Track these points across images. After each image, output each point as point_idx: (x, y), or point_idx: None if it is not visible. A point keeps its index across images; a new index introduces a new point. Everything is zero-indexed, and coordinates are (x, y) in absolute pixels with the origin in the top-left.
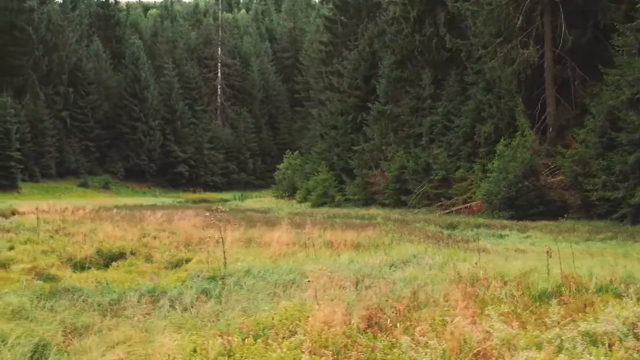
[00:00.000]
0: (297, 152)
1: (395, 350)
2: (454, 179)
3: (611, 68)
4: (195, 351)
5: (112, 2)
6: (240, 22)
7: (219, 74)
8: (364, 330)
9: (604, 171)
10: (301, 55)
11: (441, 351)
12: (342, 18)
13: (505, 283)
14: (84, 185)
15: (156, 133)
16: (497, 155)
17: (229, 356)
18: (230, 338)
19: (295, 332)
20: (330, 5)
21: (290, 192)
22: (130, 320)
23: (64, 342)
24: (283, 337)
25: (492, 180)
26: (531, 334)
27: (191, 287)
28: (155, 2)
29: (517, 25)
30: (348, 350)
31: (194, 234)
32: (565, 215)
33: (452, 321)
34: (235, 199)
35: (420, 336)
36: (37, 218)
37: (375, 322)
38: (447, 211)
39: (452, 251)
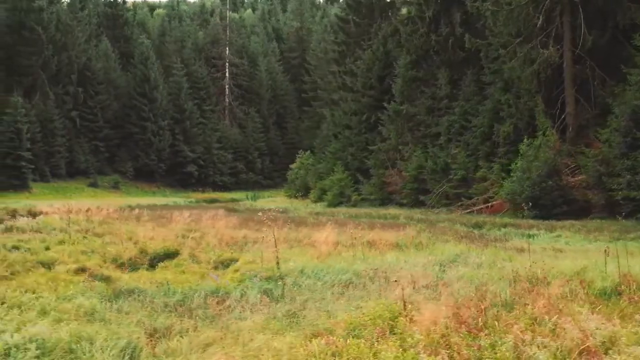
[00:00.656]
0: (309, 151)
1: (500, 348)
2: (473, 179)
3: (631, 68)
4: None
5: (120, 2)
6: (246, 21)
7: (227, 74)
8: (457, 329)
9: (629, 170)
10: (309, 55)
11: (555, 349)
12: (355, 18)
13: (567, 282)
14: (93, 185)
15: (165, 133)
16: (520, 155)
17: (338, 356)
18: (333, 338)
19: (392, 331)
20: (344, 5)
21: (303, 191)
22: (204, 322)
23: (147, 344)
24: (381, 337)
25: (516, 179)
26: (630, 331)
27: (251, 287)
28: (160, 1)
29: (538, 26)
30: (451, 349)
31: (232, 235)
32: (622, 213)
33: (549, 320)
34: (247, 198)
35: (520, 333)
36: (69, 218)
37: (464, 321)
38: (468, 211)
39: (493, 250)
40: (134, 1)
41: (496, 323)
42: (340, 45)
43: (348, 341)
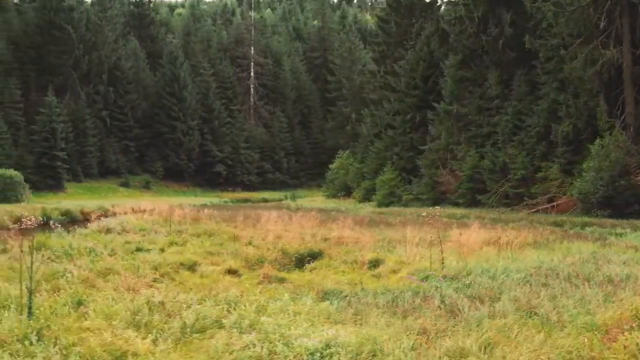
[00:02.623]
0: (347, 151)
1: None
2: (532, 178)
3: None
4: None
5: (145, 1)
6: (267, 21)
7: (252, 74)
8: None
9: None
10: (333, 55)
11: None
12: (395, 18)
13: None
14: (125, 185)
15: (195, 132)
16: (591, 155)
17: None
18: None
19: None
20: (384, 5)
21: (344, 191)
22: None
23: (425, 343)
24: None
25: (588, 179)
26: None
27: (442, 287)
28: (177, 1)
29: (601, 27)
30: None
31: (349, 235)
32: None
33: None
34: (286, 198)
35: None
36: (169, 218)
37: None
38: (533, 210)
39: (619, 249)
40: (154, 1)
41: None
42: (381, 45)
43: None
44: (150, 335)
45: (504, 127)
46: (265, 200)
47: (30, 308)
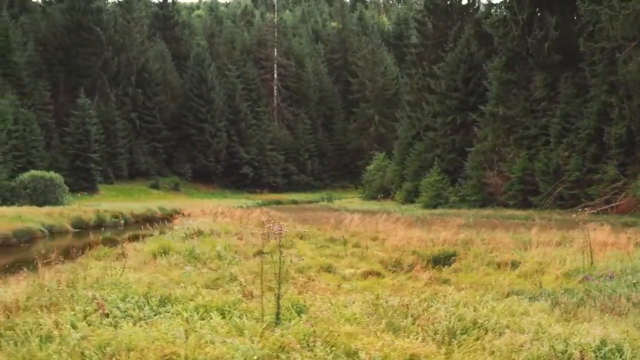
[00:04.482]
0: (384, 153)
1: None
2: (590, 180)
3: None
4: None
5: (169, 3)
6: (287, 23)
7: (275, 75)
8: None
9: None
10: (356, 57)
11: None
12: (434, 20)
13: None
14: (155, 186)
15: (222, 134)
16: None
17: None
18: None
19: None
20: (421, 7)
21: (383, 193)
22: None
23: None
24: None
25: None
26: None
27: (611, 286)
28: (192, 2)
29: None
30: None
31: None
32: None
33: None
34: (323, 200)
35: None
36: (263, 221)
37: None
38: (593, 211)
39: None
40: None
41: None
42: (418, 47)
43: None
44: (417, 337)
45: (554, 129)
46: (295, 202)
47: (278, 314)
